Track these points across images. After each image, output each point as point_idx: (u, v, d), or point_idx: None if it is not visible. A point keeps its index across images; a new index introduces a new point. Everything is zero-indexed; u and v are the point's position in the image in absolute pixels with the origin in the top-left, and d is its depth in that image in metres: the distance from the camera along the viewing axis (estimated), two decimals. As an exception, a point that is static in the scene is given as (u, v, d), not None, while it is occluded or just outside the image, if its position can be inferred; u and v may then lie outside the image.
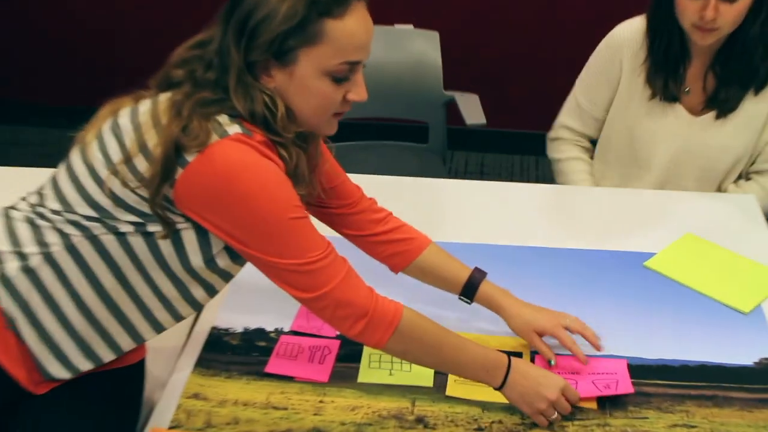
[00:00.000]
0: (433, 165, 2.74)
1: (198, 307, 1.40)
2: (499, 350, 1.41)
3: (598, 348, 1.53)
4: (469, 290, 1.55)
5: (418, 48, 2.71)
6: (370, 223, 1.55)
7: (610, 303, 1.69)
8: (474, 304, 1.57)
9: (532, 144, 3.58)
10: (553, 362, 1.50)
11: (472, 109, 2.70)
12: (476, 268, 1.56)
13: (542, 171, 3.58)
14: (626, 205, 2.05)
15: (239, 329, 1.62)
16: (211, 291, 1.38)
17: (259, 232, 1.23)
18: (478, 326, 1.60)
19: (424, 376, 1.49)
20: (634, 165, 2.15)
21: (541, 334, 1.52)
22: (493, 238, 1.85)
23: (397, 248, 1.55)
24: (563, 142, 2.23)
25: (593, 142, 2.25)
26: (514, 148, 3.71)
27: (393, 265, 1.57)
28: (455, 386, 1.47)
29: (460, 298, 1.57)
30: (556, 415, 1.40)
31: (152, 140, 1.24)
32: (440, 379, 1.49)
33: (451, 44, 2.83)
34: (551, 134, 2.26)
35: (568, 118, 2.20)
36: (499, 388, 1.39)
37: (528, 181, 3.46)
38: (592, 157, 2.25)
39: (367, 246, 1.56)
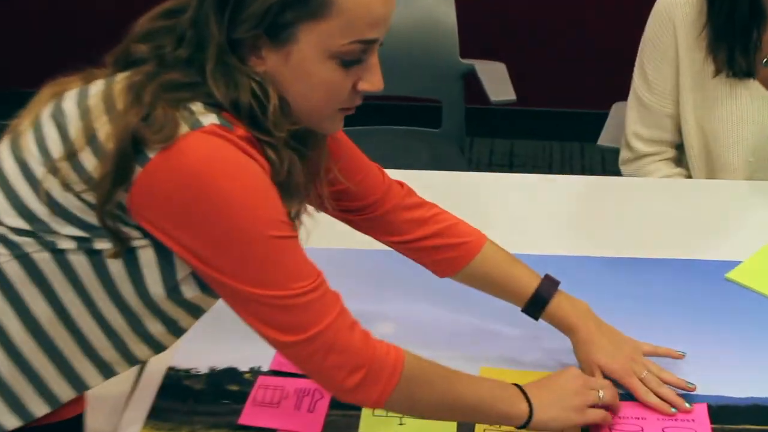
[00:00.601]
0: (449, 154, 2.76)
1: (158, 348, 1.40)
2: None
3: (688, 389, 1.56)
4: (536, 305, 1.59)
5: (427, 4, 2.73)
6: (408, 224, 1.58)
7: (683, 326, 1.71)
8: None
9: (575, 126, 3.62)
10: (601, 395, 1.50)
11: (497, 82, 2.72)
12: (547, 277, 1.60)
13: (589, 160, 3.59)
14: (701, 201, 2.06)
15: (204, 369, 1.62)
16: (174, 328, 1.38)
17: (232, 251, 1.23)
18: (542, 345, 1.66)
19: (443, 425, 1.50)
20: (709, 164, 2.17)
21: (608, 376, 1.55)
22: (528, 245, 1.86)
23: (443, 255, 1.59)
24: (643, 163, 2.22)
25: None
26: (552, 131, 3.73)
27: (438, 271, 1.62)
28: None
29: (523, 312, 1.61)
30: (600, 393, 1.45)
31: (104, 130, 1.23)
32: (465, 427, 1.50)
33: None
34: (623, 155, 2.26)
35: (636, 124, 2.22)
36: (528, 420, 1.40)
37: (571, 173, 3.48)
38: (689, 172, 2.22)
39: (408, 253, 1.60)
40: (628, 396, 1.55)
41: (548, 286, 1.59)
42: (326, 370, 1.29)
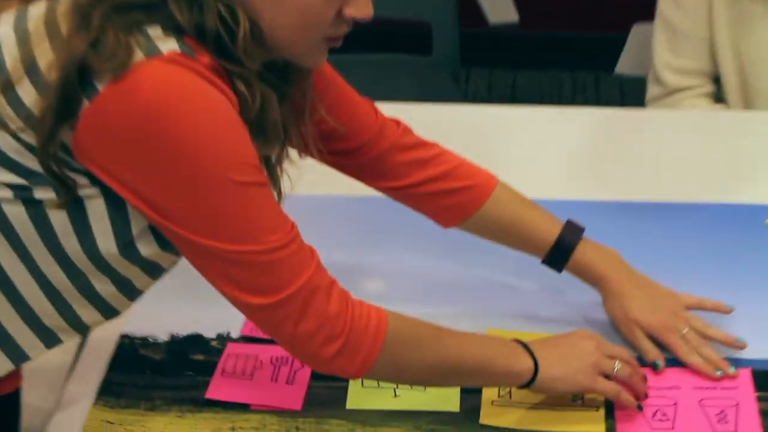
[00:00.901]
0: (441, 85, 2.78)
1: (109, 313, 1.39)
2: None
3: (738, 347, 1.56)
4: (559, 255, 1.60)
5: None
6: (406, 167, 1.58)
7: (719, 280, 1.71)
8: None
9: (588, 52, 3.61)
10: (660, 365, 1.53)
11: (496, 1, 2.70)
12: (569, 222, 1.61)
13: (605, 93, 3.59)
14: (738, 135, 2.07)
15: (163, 336, 1.62)
16: (127, 289, 1.37)
17: (191, 199, 1.23)
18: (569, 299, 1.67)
19: (445, 398, 1.50)
20: (746, 94, 2.18)
21: (646, 332, 1.56)
22: (536, 190, 1.82)
23: (448, 200, 1.60)
24: (677, 99, 2.22)
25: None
26: (561, 59, 3.72)
27: (442, 221, 1.63)
28: (493, 411, 1.49)
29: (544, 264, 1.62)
30: (618, 365, 1.45)
31: (45, 58, 1.22)
32: (470, 400, 1.50)
33: None
34: (652, 91, 2.26)
35: (665, 52, 2.22)
36: (533, 377, 1.42)
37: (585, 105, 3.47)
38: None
39: (408, 200, 1.62)
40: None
41: (572, 233, 1.60)
42: (299, 338, 1.30)
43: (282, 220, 1.28)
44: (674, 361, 1.54)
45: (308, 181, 1.48)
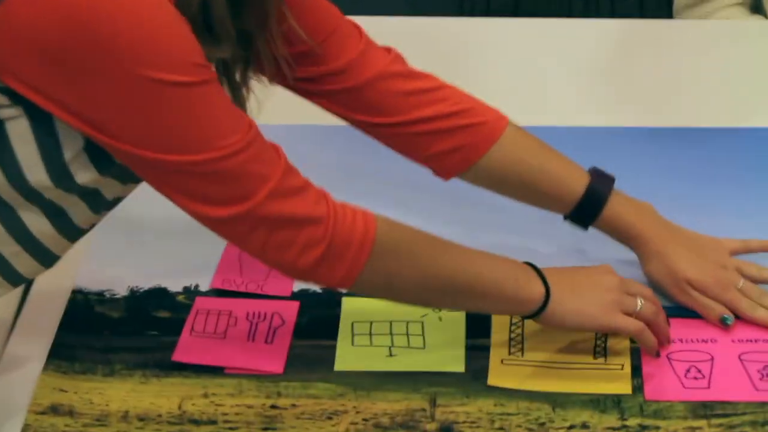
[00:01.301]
0: None
1: (46, 258, 1.38)
2: None
3: None
4: (588, 209, 1.58)
5: None
6: (398, 100, 1.55)
7: (759, 213, 1.72)
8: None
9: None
10: (730, 320, 1.53)
11: None
12: (594, 170, 1.59)
13: (621, 2, 3.56)
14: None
15: (122, 291, 1.63)
16: (63, 224, 1.35)
17: (128, 107, 1.22)
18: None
19: (449, 358, 1.51)
20: None
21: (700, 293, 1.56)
22: (541, 114, 1.85)
23: (447, 143, 1.56)
24: (708, 9, 2.23)
25: None
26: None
27: (441, 170, 1.59)
28: (503, 371, 1.49)
29: (567, 221, 1.61)
30: (640, 302, 1.46)
31: None
32: (477, 360, 1.50)
33: None
34: (678, 0, 2.26)
35: None
36: (543, 305, 1.42)
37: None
38: None
39: (398, 141, 1.57)
40: (692, 312, 1.55)
41: (602, 184, 1.58)
42: (275, 248, 1.30)
43: (237, 119, 1.27)
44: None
45: (278, 107, 1.46)
